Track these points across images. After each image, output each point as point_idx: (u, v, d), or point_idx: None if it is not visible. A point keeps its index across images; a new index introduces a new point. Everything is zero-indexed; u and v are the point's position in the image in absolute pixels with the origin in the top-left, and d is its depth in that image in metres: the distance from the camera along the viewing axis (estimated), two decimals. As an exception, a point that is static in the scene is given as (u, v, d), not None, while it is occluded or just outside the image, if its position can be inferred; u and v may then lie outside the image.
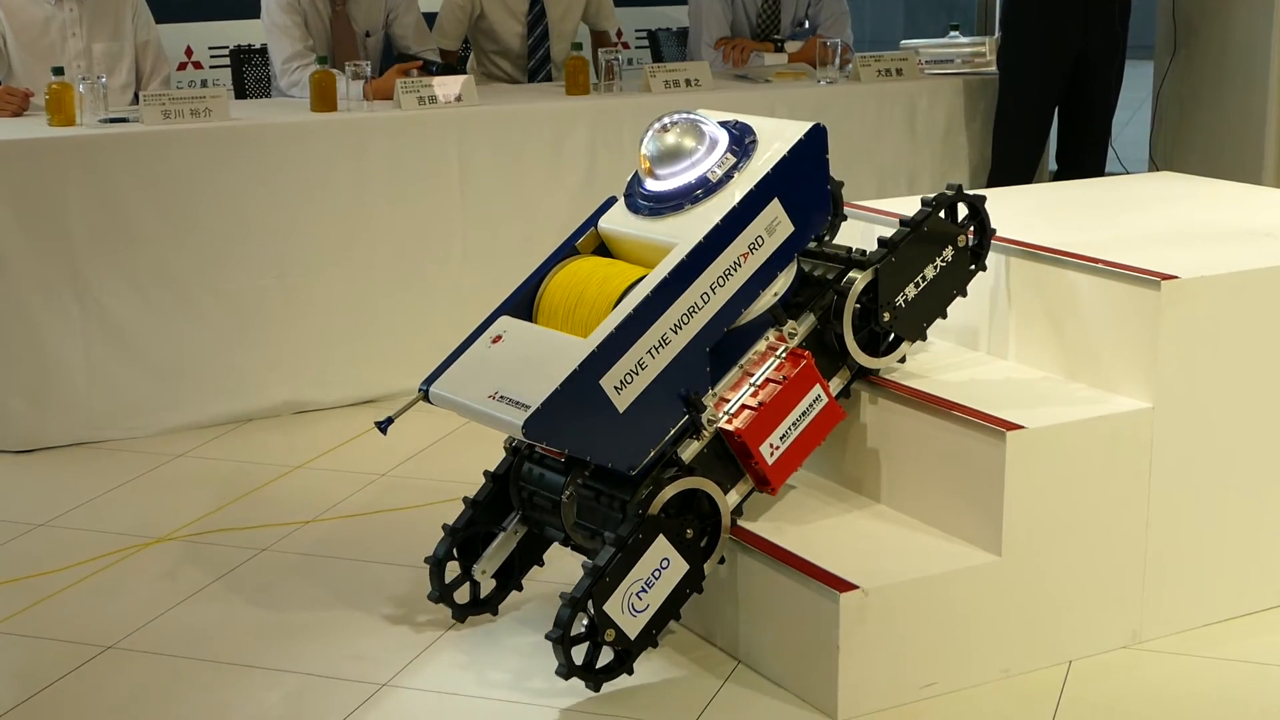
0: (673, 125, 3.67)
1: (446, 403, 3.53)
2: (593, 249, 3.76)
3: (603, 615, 3.31)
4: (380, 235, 5.51)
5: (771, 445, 3.52)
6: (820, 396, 3.58)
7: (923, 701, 3.41)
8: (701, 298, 3.46)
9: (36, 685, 3.53)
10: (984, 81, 6.66)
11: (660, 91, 6.05)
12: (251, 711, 3.42)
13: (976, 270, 3.82)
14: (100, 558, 4.21)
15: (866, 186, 6.27)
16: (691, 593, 3.45)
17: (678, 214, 3.57)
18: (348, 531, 4.37)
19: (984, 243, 3.81)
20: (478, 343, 3.58)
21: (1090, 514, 3.53)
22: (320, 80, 5.52)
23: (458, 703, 3.41)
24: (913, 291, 3.70)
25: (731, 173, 3.57)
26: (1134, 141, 8.14)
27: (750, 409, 3.52)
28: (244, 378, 5.36)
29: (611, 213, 3.75)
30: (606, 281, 3.56)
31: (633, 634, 3.36)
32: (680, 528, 3.41)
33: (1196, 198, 4.58)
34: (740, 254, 3.50)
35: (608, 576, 3.31)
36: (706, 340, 3.48)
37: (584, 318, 3.52)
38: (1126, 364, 3.59)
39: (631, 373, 3.37)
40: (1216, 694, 3.48)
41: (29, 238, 5.03)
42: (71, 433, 5.15)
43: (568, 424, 3.31)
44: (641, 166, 3.69)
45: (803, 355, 3.58)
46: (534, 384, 3.32)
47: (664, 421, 3.44)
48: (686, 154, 3.62)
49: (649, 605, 3.38)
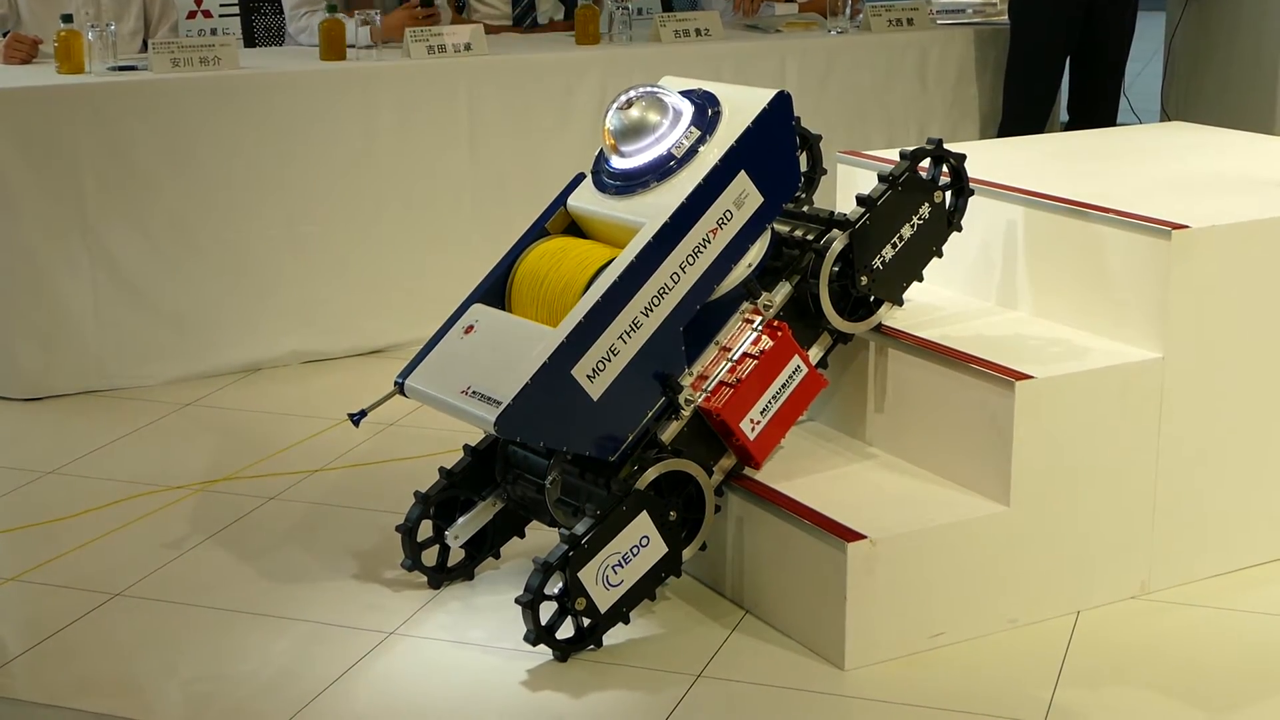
0: (636, 100, 3.60)
1: (421, 396, 3.51)
2: (563, 228, 3.72)
3: (576, 582, 3.30)
4: (389, 184, 5.50)
5: (752, 421, 3.49)
6: (800, 367, 3.55)
7: (930, 651, 3.41)
8: (672, 278, 3.42)
9: (45, 631, 3.54)
10: (995, 31, 6.62)
11: (670, 41, 6.02)
12: (259, 659, 3.43)
13: (953, 229, 3.77)
14: (108, 505, 4.22)
15: (876, 137, 6.25)
16: (667, 577, 3.44)
17: (644, 192, 3.53)
18: (356, 480, 4.37)
19: (960, 202, 3.76)
20: (450, 334, 3.56)
21: (1099, 464, 3.53)
22: (329, 29, 5.50)
23: (466, 651, 3.42)
24: (890, 253, 3.65)
25: (696, 147, 3.52)
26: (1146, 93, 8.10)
27: (728, 385, 3.48)
28: (252, 327, 5.35)
29: (580, 191, 3.70)
30: (576, 265, 3.52)
31: (604, 607, 3.35)
32: (664, 508, 3.40)
33: (1208, 148, 4.56)
34: (709, 230, 3.46)
35: (586, 543, 3.30)
36: (680, 320, 3.45)
37: (555, 303, 3.49)
38: (1137, 314, 3.58)
39: (604, 360, 3.35)
40: (1225, 644, 3.48)
41: (38, 186, 5.02)
42: (80, 381, 5.15)
43: (541, 417, 3.30)
44: (606, 143, 3.63)
45: (779, 327, 3.54)
46: (505, 378, 3.31)
47: (640, 405, 3.42)
48: (650, 129, 3.56)
49: (623, 581, 3.37)
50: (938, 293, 3.90)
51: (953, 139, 6.30)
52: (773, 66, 6.12)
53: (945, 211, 3.73)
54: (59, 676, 3.38)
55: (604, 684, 3.32)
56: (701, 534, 3.51)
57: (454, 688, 3.31)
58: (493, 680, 3.33)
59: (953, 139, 6.30)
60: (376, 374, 3.60)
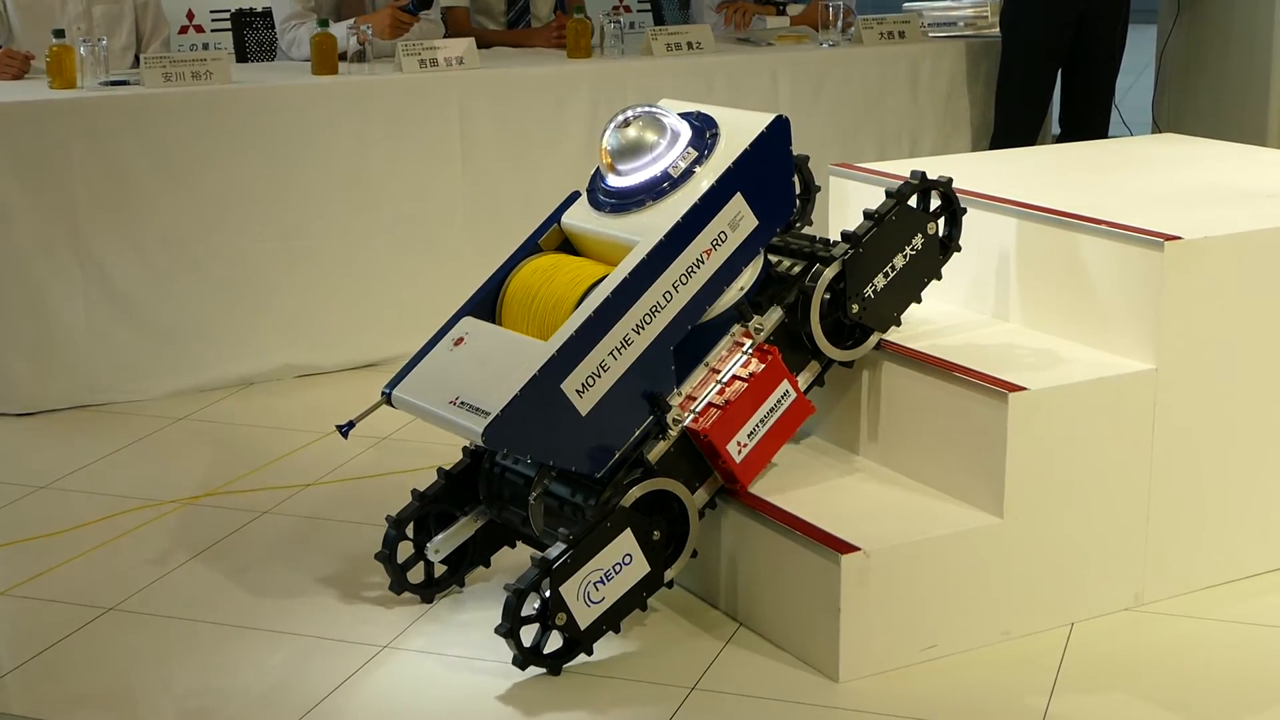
0: (634, 119, 3.61)
1: (408, 407, 3.51)
2: (556, 245, 3.72)
3: (558, 597, 3.29)
4: (381, 198, 5.50)
5: (739, 443, 3.48)
6: (788, 392, 3.54)
7: (924, 664, 3.41)
8: (664, 296, 3.42)
9: (38, 646, 3.54)
10: (987, 44, 6.63)
11: (662, 54, 6.03)
12: (253, 673, 3.43)
13: (949, 257, 3.76)
14: (101, 520, 4.21)
15: (868, 150, 6.25)
16: (648, 596, 3.43)
17: (639, 210, 3.53)
18: (350, 494, 4.37)
19: (954, 230, 3.76)
20: (440, 345, 3.55)
21: (1093, 476, 3.53)
22: (321, 43, 5.50)
23: (460, 664, 3.41)
24: (882, 282, 3.65)
25: (693, 168, 3.53)
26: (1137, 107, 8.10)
27: (716, 407, 3.48)
28: (245, 341, 5.35)
29: (574, 209, 3.71)
30: (568, 281, 3.52)
31: (584, 624, 3.34)
32: (648, 527, 3.40)
33: (1200, 159, 4.56)
34: (703, 250, 3.47)
35: (569, 558, 3.30)
36: (670, 339, 3.45)
37: (546, 319, 3.49)
38: (1130, 325, 3.58)
39: (593, 375, 3.35)
40: (1219, 656, 3.48)
41: (30, 200, 5.02)
42: (73, 395, 5.14)
43: (528, 430, 3.29)
44: (603, 161, 3.64)
45: (769, 351, 3.54)
46: (494, 390, 3.31)
47: (628, 423, 3.42)
48: (648, 149, 3.57)
49: (605, 599, 3.36)
50: (931, 305, 3.90)
51: (945, 151, 6.37)
52: (765, 80, 6.13)
53: (939, 240, 3.73)
54: (52, 691, 3.37)
55: (598, 697, 3.31)
56: (684, 555, 3.49)
57: (447, 701, 3.31)
58: (487, 693, 3.32)
59: (945, 151, 6.37)
60: (369, 388, 3.59)
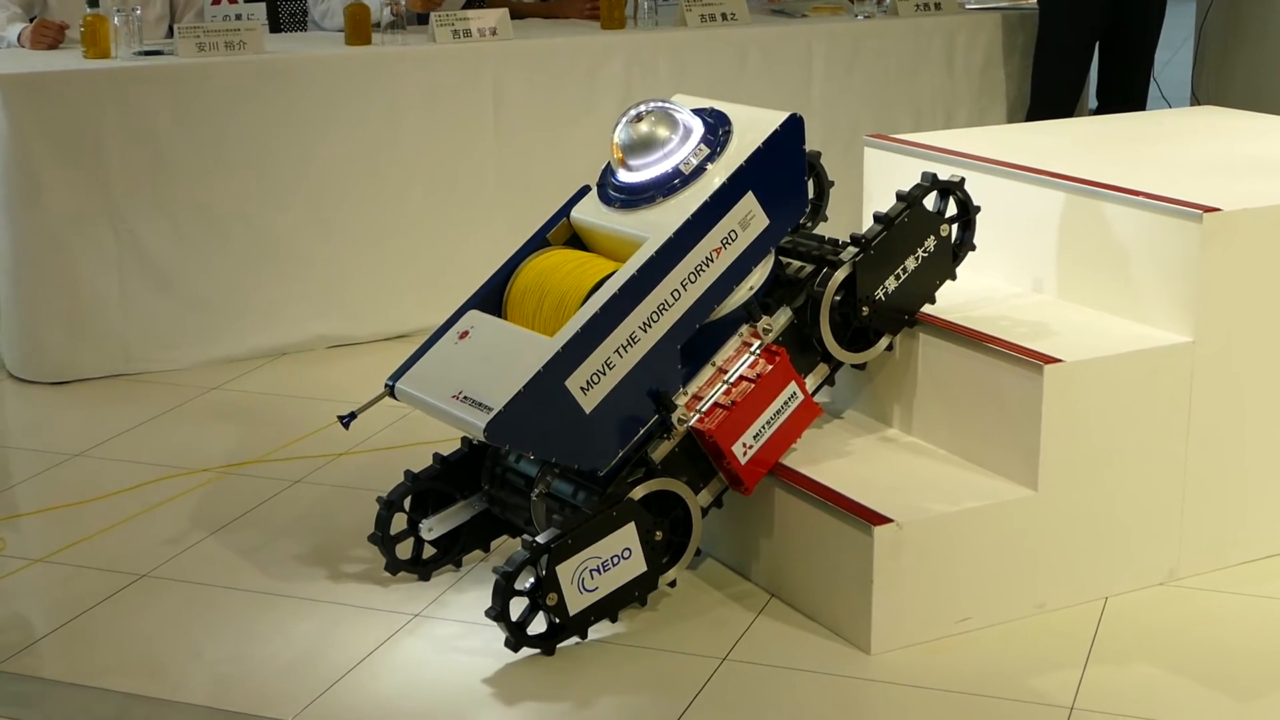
0: (646, 114, 3.58)
1: (411, 400, 3.49)
2: (565, 240, 3.69)
3: (552, 576, 3.26)
4: (414, 169, 5.49)
5: (744, 445, 3.45)
6: (796, 394, 3.51)
7: (956, 636, 3.40)
8: (672, 294, 3.39)
9: (70, 613, 3.55)
10: (1023, 16, 6.58)
11: (696, 25, 6.00)
12: (283, 641, 3.43)
13: (962, 258, 3.71)
14: (134, 488, 4.23)
15: (903, 122, 6.21)
16: (639, 596, 3.40)
17: (650, 207, 3.50)
18: (381, 464, 4.36)
19: (966, 235, 3.71)
20: (444, 338, 3.53)
21: (1128, 449, 3.50)
22: (354, 13, 5.50)
23: (490, 632, 3.40)
24: (893, 284, 3.61)
25: (705, 164, 3.49)
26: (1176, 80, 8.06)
27: (722, 408, 3.44)
28: (278, 312, 5.36)
29: (584, 204, 3.68)
30: (576, 277, 3.50)
31: (573, 609, 3.31)
32: (652, 525, 3.37)
33: (1239, 131, 4.52)
34: (713, 249, 3.44)
35: (571, 539, 3.27)
36: (677, 338, 3.42)
37: (552, 314, 3.47)
38: (1167, 297, 3.55)
39: (598, 372, 3.32)
40: (1254, 631, 3.46)
41: (64, 171, 5.03)
42: (106, 365, 5.16)
43: (531, 426, 3.26)
44: (614, 156, 3.61)
45: (777, 352, 3.51)
46: (497, 385, 3.28)
47: (633, 421, 3.39)
48: (659, 144, 3.53)
49: (598, 588, 3.33)
50: (966, 277, 3.87)
51: (980, 123, 6.32)
52: (799, 51, 6.10)
53: (951, 245, 3.68)
54: (85, 657, 3.39)
55: (630, 666, 3.31)
56: (684, 559, 3.47)
57: (478, 669, 3.31)
58: (518, 661, 3.32)
59: (980, 123, 6.32)
60: (400, 358, 3.58)
